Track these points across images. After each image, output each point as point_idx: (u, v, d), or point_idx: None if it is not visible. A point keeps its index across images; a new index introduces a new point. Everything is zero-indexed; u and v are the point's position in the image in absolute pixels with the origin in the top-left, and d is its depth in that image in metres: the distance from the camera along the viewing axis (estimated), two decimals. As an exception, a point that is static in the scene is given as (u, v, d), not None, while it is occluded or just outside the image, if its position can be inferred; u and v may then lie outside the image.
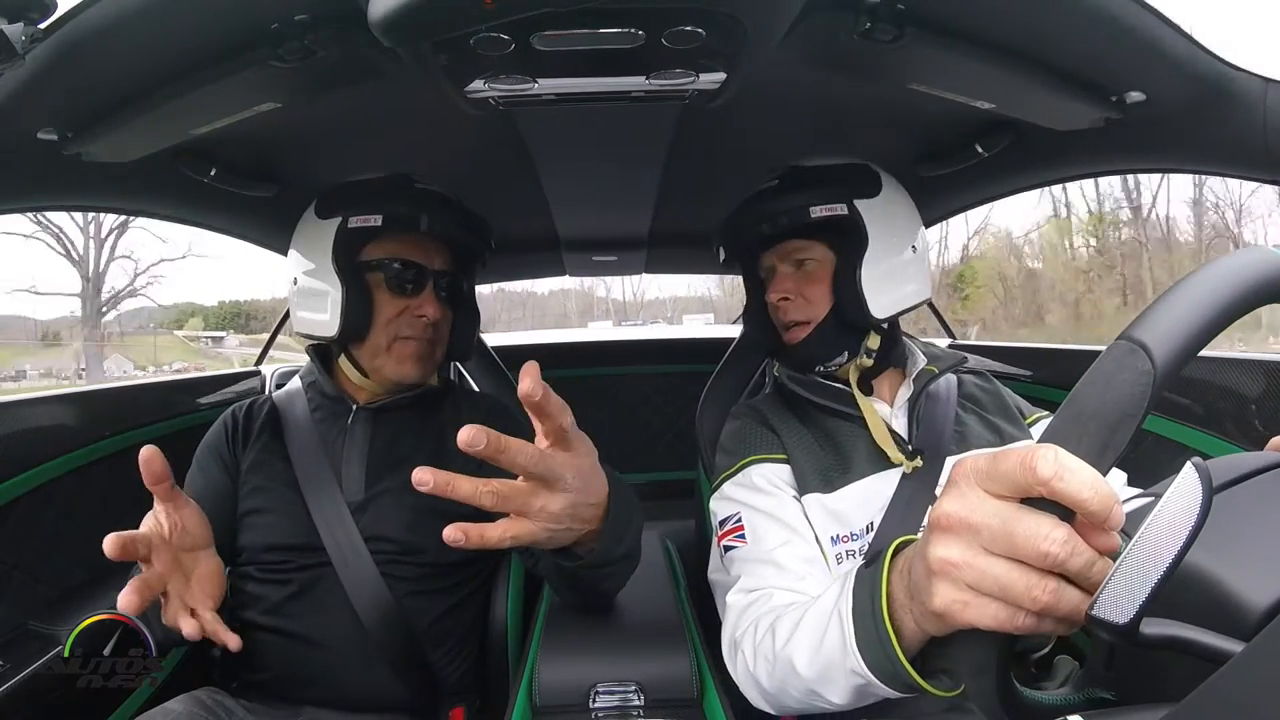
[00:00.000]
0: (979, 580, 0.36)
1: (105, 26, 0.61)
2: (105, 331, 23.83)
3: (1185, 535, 0.31)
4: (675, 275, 8.95)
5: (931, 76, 0.77)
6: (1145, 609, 0.32)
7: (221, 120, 0.77)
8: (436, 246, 0.97)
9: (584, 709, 0.85)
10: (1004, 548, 0.35)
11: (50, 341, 24.69)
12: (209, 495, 0.93)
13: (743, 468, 0.90)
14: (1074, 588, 0.35)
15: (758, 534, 0.82)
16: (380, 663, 0.86)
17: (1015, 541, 0.35)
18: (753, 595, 0.76)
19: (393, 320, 0.94)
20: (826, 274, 0.91)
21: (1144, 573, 0.31)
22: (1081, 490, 0.33)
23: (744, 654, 0.72)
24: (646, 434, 2.19)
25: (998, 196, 1.28)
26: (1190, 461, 0.32)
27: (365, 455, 0.95)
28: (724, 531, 0.86)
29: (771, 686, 0.66)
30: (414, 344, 0.95)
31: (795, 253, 0.93)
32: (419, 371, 0.96)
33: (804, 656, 0.60)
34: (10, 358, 23.25)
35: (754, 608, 0.74)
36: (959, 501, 0.37)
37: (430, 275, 0.95)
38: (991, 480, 0.36)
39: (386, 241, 0.95)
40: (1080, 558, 0.34)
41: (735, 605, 0.77)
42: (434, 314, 0.95)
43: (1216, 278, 0.36)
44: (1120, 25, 0.65)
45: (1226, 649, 0.32)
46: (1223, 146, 0.79)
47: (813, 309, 0.92)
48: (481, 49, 0.64)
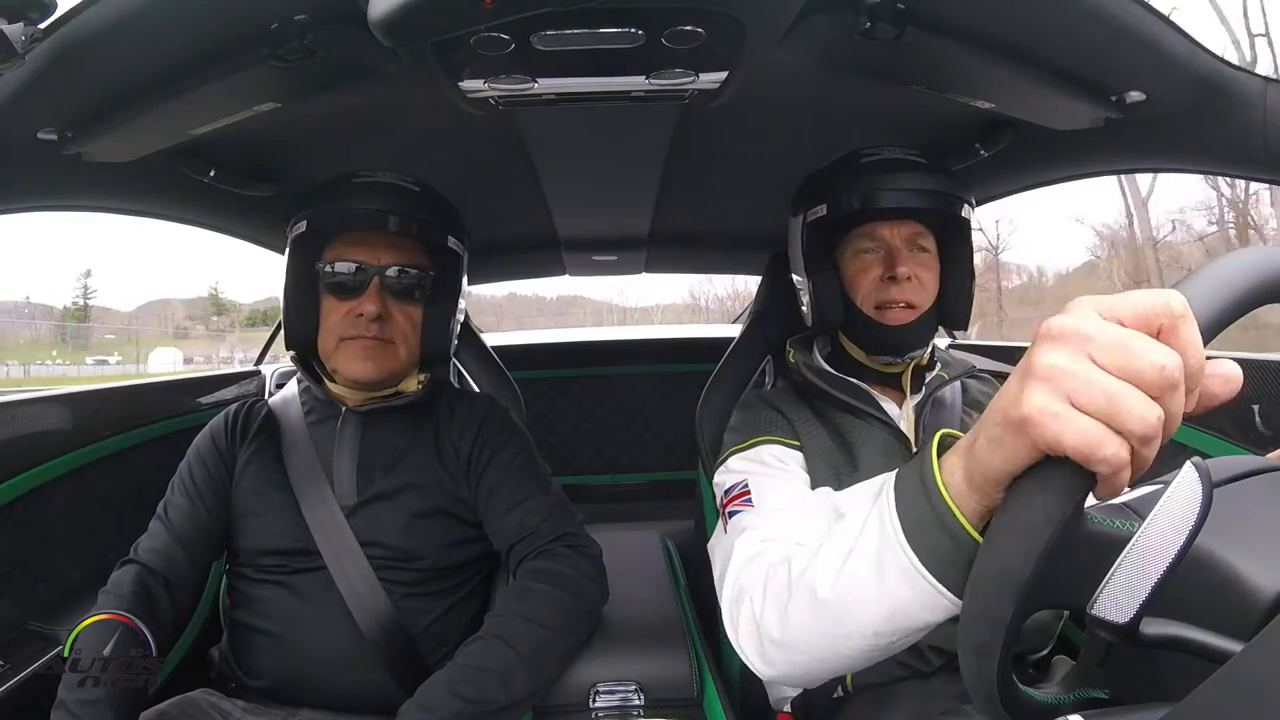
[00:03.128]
0: (1084, 388, 0.32)
1: (105, 26, 0.61)
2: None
3: (1185, 534, 0.31)
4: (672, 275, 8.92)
5: (931, 76, 0.77)
6: (1145, 608, 0.32)
7: (221, 120, 0.77)
8: (385, 241, 0.92)
9: (584, 709, 0.85)
10: (1117, 360, 0.32)
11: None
12: (207, 492, 0.93)
13: (754, 445, 0.86)
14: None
15: (764, 496, 0.77)
16: (378, 665, 0.86)
17: (1132, 355, 0.32)
18: (762, 545, 0.68)
19: (337, 323, 0.92)
20: (936, 266, 0.92)
21: (1144, 572, 0.31)
22: (1195, 341, 0.32)
23: (751, 601, 0.62)
24: (646, 434, 2.19)
25: (998, 196, 1.28)
26: (1190, 461, 0.32)
27: (356, 458, 0.94)
28: (729, 499, 0.81)
29: (781, 634, 0.57)
30: (359, 342, 0.91)
31: (917, 236, 0.91)
32: (373, 367, 0.92)
33: (828, 575, 0.51)
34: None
35: (766, 555, 0.65)
36: (1073, 316, 0.34)
37: (373, 272, 0.91)
38: (1113, 306, 0.33)
39: (336, 244, 0.93)
40: (1181, 391, 0.32)
41: (742, 553, 0.69)
42: (372, 310, 0.89)
43: (1265, 258, 0.35)
44: (1120, 25, 0.65)
45: (1226, 649, 0.32)
46: (1223, 146, 0.79)
47: (925, 296, 0.90)
48: (481, 49, 0.64)
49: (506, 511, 0.93)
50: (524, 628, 0.82)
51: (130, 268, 69.19)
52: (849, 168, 0.91)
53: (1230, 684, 0.27)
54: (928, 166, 0.88)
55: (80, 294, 48.29)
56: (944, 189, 0.87)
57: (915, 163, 0.88)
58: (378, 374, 0.93)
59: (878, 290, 0.90)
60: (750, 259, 1.81)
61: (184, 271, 67.20)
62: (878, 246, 0.91)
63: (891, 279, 0.88)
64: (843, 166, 0.92)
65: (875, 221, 0.90)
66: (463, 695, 0.75)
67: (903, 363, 0.92)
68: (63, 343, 44.72)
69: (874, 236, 0.91)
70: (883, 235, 0.90)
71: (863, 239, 0.92)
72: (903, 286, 0.88)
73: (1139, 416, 0.31)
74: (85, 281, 48.21)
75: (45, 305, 51.00)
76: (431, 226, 0.94)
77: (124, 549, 0.90)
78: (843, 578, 0.49)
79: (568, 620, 0.86)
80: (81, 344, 44.79)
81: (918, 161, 0.88)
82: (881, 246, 0.90)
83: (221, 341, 33.96)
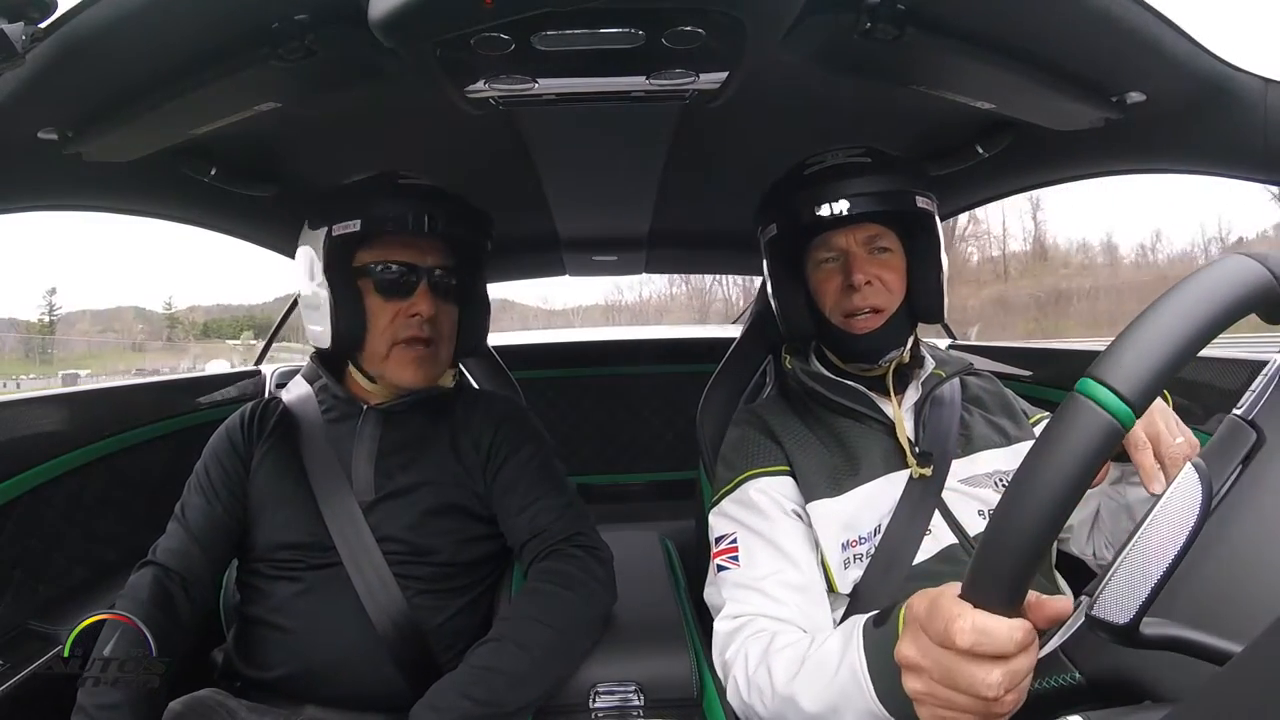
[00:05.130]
0: (947, 705, 0.44)
1: (105, 26, 0.61)
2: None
3: (1185, 535, 0.31)
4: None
5: (932, 76, 0.77)
6: (1145, 609, 0.32)
7: (222, 120, 0.77)
8: (429, 243, 0.95)
9: (584, 709, 0.85)
10: (953, 687, 0.43)
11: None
12: (224, 490, 0.94)
13: (741, 483, 0.89)
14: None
15: (752, 557, 0.83)
16: (388, 661, 0.86)
17: (958, 687, 0.42)
18: (738, 621, 0.78)
19: (388, 325, 0.93)
20: (900, 264, 0.91)
21: (1144, 573, 0.31)
22: (1002, 649, 0.39)
23: (735, 679, 0.74)
24: (647, 434, 2.19)
25: (998, 197, 1.29)
26: (1190, 462, 0.32)
27: (374, 455, 0.95)
28: (719, 550, 0.87)
29: (770, 716, 0.69)
30: (414, 348, 0.93)
31: (876, 238, 0.89)
32: (423, 375, 0.95)
33: (810, 696, 0.63)
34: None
35: (739, 634, 0.77)
36: (913, 646, 0.45)
37: (423, 273, 0.94)
38: (931, 634, 0.43)
39: (376, 245, 0.93)
40: (1018, 677, 0.41)
41: (722, 631, 0.80)
42: (427, 310, 0.92)
43: (1192, 298, 0.35)
44: (1120, 25, 0.65)
45: (1226, 649, 0.32)
46: (1223, 146, 0.79)
47: (890, 298, 0.89)
48: (481, 49, 0.64)
49: (520, 510, 0.94)
50: (535, 630, 0.82)
51: (82, 276, 67.14)
52: (793, 181, 0.91)
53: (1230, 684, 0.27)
54: (874, 166, 0.87)
55: (46, 311, 47.30)
56: (893, 187, 0.86)
57: (860, 165, 0.87)
58: (426, 382, 0.96)
59: (841, 300, 0.89)
60: (750, 259, 1.80)
61: (139, 279, 65.90)
62: (837, 255, 0.91)
63: (850, 287, 0.88)
64: (788, 181, 0.92)
65: (830, 230, 0.90)
66: (474, 697, 0.76)
67: (880, 367, 0.92)
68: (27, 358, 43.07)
69: (831, 245, 0.91)
70: (839, 244, 0.90)
71: (821, 249, 0.92)
72: (864, 293, 0.88)
73: (995, 715, 0.42)
74: (50, 299, 47.35)
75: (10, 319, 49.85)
76: (474, 228, 0.98)
77: (124, 548, 0.90)
78: (826, 697, 0.61)
79: (577, 622, 0.86)
80: (48, 358, 43.25)
81: (863, 163, 0.87)
82: (840, 254, 0.90)
83: (184, 354, 32.56)
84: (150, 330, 48.66)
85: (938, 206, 0.91)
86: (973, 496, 0.84)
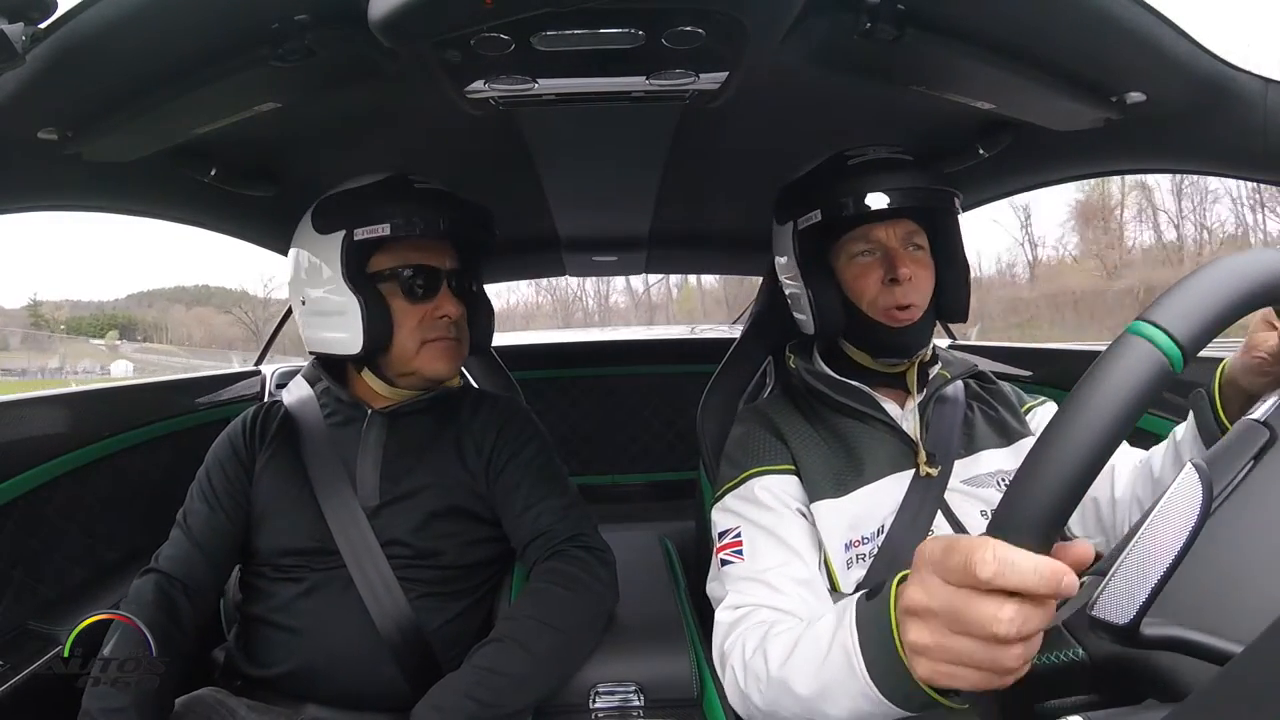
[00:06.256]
0: (952, 657, 0.41)
1: (105, 26, 0.60)
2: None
3: (1185, 536, 0.31)
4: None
5: (932, 77, 0.77)
6: (1146, 609, 0.32)
7: (222, 120, 0.77)
8: (445, 245, 0.96)
9: (584, 709, 0.85)
10: (963, 630, 0.40)
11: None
12: (226, 497, 0.94)
13: (745, 480, 0.88)
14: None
15: (756, 550, 0.82)
16: (389, 661, 0.86)
17: (969, 628, 0.39)
18: (739, 612, 0.77)
19: (415, 327, 0.93)
20: (931, 261, 0.91)
21: (1144, 573, 0.31)
22: (1024, 581, 0.37)
23: (733, 668, 0.72)
24: (646, 434, 2.19)
25: (998, 197, 1.29)
26: (1190, 462, 0.32)
27: (379, 459, 0.95)
28: (723, 544, 0.86)
29: (764, 704, 0.67)
30: (441, 343, 0.95)
31: (912, 235, 0.89)
32: (453, 366, 0.97)
33: (803, 679, 0.61)
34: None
35: (740, 624, 0.76)
36: (920, 589, 0.43)
37: (443, 276, 0.95)
38: (945, 571, 0.41)
39: (394, 249, 0.93)
40: (1032, 624, 0.38)
41: (723, 621, 0.79)
42: (455, 312, 0.94)
43: (1251, 263, 0.36)
44: (1120, 25, 0.65)
45: (1226, 649, 0.32)
46: (1223, 146, 0.79)
47: (925, 294, 0.89)
48: (481, 49, 0.64)
49: (522, 510, 0.94)
50: (538, 631, 0.82)
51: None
52: (838, 171, 0.89)
53: (1230, 684, 0.27)
54: (916, 164, 0.88)
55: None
56: (935, 185, 0.87)
57: (904, 161, 0.88)
58: (455, 371, 0.99)
59: (882, 294, 0.88)
60: (750, 259, 1.81)
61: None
62: (874, 249, 0.89)
63: (894, 281, 0.87)
64: (830, 170, 0.91)
65: (870, 224, 0.89)
66: (476, 698, 0.76)
67: (908, 362, 0.92)
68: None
69: (869, 239, 0.89)
70: (879, 237, 0.89)
71: (858, 242, 0.90)
72: (905, 288, 0.87)
73: (1002, 667, 0.40)
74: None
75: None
76: (484, 229, 0.99)
77: (124, 548, 0.90)
78: (818, 680, 0.59)
79: (580, 623, 0.86)
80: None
81: (906, 160, 0.88)
82: (879, 248, 0.89)
83: (50, 354, 29.45)
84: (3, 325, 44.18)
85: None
86: (975, 497, 0.85)
